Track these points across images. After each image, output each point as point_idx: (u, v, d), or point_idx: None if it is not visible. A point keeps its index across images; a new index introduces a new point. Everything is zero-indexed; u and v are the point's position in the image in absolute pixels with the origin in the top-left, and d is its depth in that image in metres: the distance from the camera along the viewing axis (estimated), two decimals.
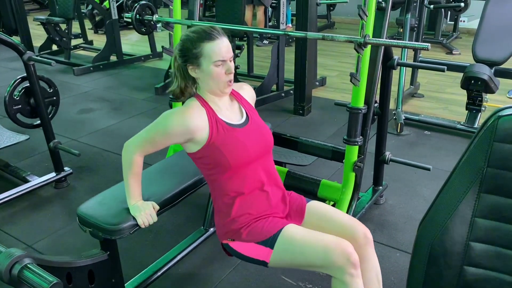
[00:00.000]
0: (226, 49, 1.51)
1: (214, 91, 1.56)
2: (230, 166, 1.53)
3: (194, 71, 1.54)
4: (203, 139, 1.52)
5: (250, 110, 1.67)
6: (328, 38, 1.98)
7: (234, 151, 1.53)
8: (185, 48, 1.53)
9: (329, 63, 5.73)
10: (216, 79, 1.52)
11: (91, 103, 4.53)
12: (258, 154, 1.59)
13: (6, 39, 2.54)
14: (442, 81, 4.90)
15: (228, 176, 1.56)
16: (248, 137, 1.57)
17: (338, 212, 1.67)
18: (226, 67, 1.51)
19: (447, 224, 1.03)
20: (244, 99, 1.69)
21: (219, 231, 1.65)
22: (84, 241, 2.22)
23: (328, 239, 1.46)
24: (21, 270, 1.39)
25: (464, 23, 7.14)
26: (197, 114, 1.52)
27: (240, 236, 1.57)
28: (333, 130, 3.73)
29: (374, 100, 2.22)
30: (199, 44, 1.49)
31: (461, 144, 3.42)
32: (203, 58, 1.50)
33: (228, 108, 1.61)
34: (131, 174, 1.64)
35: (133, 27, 2.43)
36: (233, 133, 1.55)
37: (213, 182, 1.62)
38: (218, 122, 1.54)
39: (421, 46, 1.78)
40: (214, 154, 1.53)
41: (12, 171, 2.98)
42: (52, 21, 5.58)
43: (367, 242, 1.55)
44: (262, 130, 1.64)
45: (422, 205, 2.65)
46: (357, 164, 2.16)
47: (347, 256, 1.41)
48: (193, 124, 1.50)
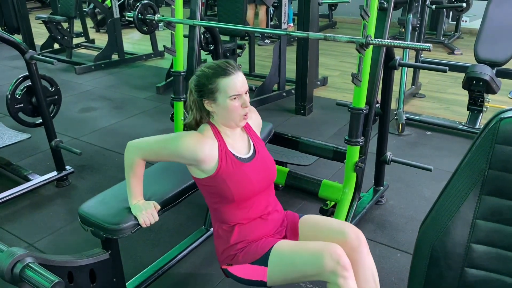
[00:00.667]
0: (241, 83, 1.53)
1: (229, 124, 1.58)
2: (234, 199, 1.56)
3: (210, 105, 1.56)
4: (211, 169, 1.54)
5: (257, 142, 1.69)
6: (330, 39, 1.98)
7: (239, 185, 1.55)
8: (201, 84, 1.55)
9: (331, 62, 5.73)
10: (232, 113, 1.54)
11: (93, 101, 4.54)
12: (262, 187, 1.62)
13: (8, 38, 2.55)
14: (444, 81, 4.90)
15: (230, 207, 1.59)
16: (254, 171, 1.60)
17: (328, 219, 1.69)
18: (242, 101, 1.53)
19: (449, 225, 1.04)
20: (252, 130, 1.72)
21: (218, 257, 1.68)
22: (85, 240, 2.23)
23: (315, 245, 1.48)
24: (23, 269, 1.40)
25: (466, 23, 7.14)
26: (210, 144, 1.54)
27: (237, 260, 1.60)
28: (334, 130, 3.73)
29: (376, 100, 2.22)
30: (215, 79, 1.52)
31: (463, 144, 3.42)
32: (219, 93, 1.52)
33: (238, 140, 1.64)
34: (132, 174, 1.65)
35: (135, 27, 2.43)
36: (241, 168, 1.57)
37: (214, 210, 1.65)
38: (227, 155, 1.56)
39: (423, 47, 1.78)
40: (220, 185, 1.55)
41: (13, 169, 2.98)
42: (54, 19, 5.58)
43: (360, 243, 1.54)
44: (267, 163, 1.67)
45: (423, 205, 2.65)
46: (358, 164, 2.16)
47: (337, 259, 1.40)
48: (204, 154, 1.52)
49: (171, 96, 2.75)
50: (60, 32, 5.71)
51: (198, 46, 2.83)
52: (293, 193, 2.72)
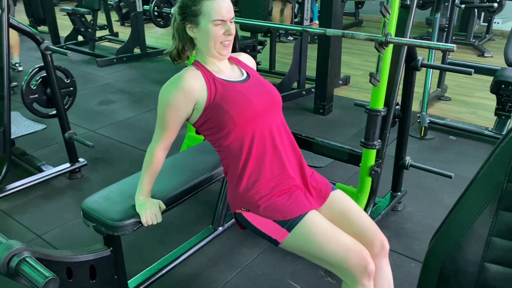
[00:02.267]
0: (227, 9, 1.45)
1: (211, 52, 1.50)
2: (235, 123, 1.45)
3: (192, 30, 1.49)
4: (203, 100, 1.46)
5: (251, 70, 1.60)
6: (348, 36, 1.89)
7: (237, 105, 1.45)
8: (184, 5, 1.48)
9: (354, 61, 5.60)
10: (213, 39, 1.46)
11: (112, 94, 4.55)
12: (264, 107, 1.50)
13: (24, 28, 2.55)
14: (471, 84, 4.71)
15: (234, 137, 1.47)
16: (250, 90, 1.50)
17: (361, 212, 1.56)
18: (226, 28, 1.46)
19: (461, 242, 0.95)
20: (243, 63, 1.63)
21: (231, 201, 1.56)
22: (92, 234, 2.16)
23: (350, 243, 1.40)
24: (19, 263, 1.37)
25: (498, 25, 6.87)
26: (192, 76, 1.47)
27: (257, 208, 1.47)
28: (354, 131, 3.62)
29: (396, 102, 2.12)
30: (199, 1, 1.44)
31: (488, 151, 3.22)
32: (202, 16, 1.45)
33: (226, 69, 1.56)
34: (149, 170, 1.59)
35: (151, 19, 2.40)
36: (233, 87, 1.49)
37: (221, 149, 1.53)
38: (215, 80, 1.48)
39: (446, 47, 1.68)
40: (217, 113, 1.46)
41: (28, 160, 2.99)
42: (78, 12, 5.63)
43: (383, 252, 1.48)
44: (266, 85, 1.57)
45: (442, 214, 2.50)
46: (373, 168, 2.06)
47: (365, 265, 1.36)
48: (191, 86, 1.44)
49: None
50: (83, 25, 5.76)
51: None
52: None
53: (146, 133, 3.61)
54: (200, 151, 2.14)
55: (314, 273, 2.08)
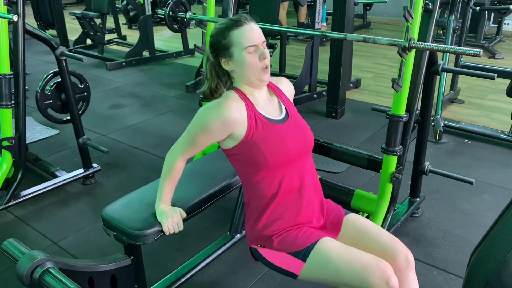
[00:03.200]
0: (257, 33, 1.42)
1: (251, 81, 1.45)
2: (268, 165, 1.43)
3: (227, 63, 1.45)
4: (241, 134, 1.42)
5: (290, 106, 1.56)
6: (369, 41, 1.86)
7: (273, 148, 1.43)
8: (214, 42, 1.45)
9: (364, 64, 5.56)
10: (251, 67, 1.42)
11: (122, 98, 4.53)
12: (298, 152, 1.48)
13: (39, 34, 2.53)
14: (484, 87, 4.67)
15: (264, 176, 1.46)
16: (288, 133, 1.47)
17: (378, 228, 1.54)
18: (260, 52, 1.41)
19: (507, 258, 0.91)
20: (283, 94, 1.58)
21: (249, 235, 1.56)
22: (109, 241, 2.16)
23: (366, 259, 1.36)
24: (42, 274, 1.36)
25: (508, 26, 6.82)
26: (236, 106, 1.42)
27: (271, 243, 1.48)
28: (367, 135, 3.58)
29: (416, 107, 2.09)
30: (228, 33, 1.42)
31: (505, 155, 3.22)
32: (234, 46, 1.41)
33: (267, 102, 1.51)
34: (169, 178, 1.57)
35: (166, 24, 2.38)
36: (273, 129, 1.45)
37: (247, 182, 1.52)
38: (257, 116, 1.44)
39: (472, 52, 1.64)
40: (252, 150, 1.43)
41: (41, 165, 2.98)
42: (87, 15, 5.62)
43: (408, 265, 1.43)
44: (303, 127, 1.54)
45: (462, 219, 2.50)
46: (395, 175, 2.03)
47: (386, 279, 1.30)
48: (232, 117, 1.40)
49: (200, 96, 2.67)
50: (92, 28, 5.75)
51: None
52: None
53: (158, 137, 3.59)
54: (218, 158, 2.12)
55: None
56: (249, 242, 1.57)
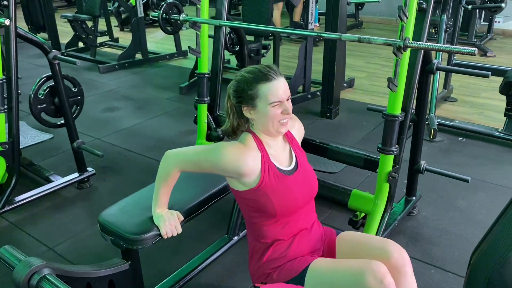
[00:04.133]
0: (283, 89, 1.44)
1: (269, 131, 1.49)
2: (276, 215, 1.48)
3: (249, 112, 1.48)
4: (253, 182, 1.46)
5: (300, 154, 1.61)
6: (364, 41, 1.86)
7: (282, 200, 1.47)
8: (240, 89, 1.46)
9: (357, 63, 5.58)
10: (271, 120, 1.45)
11: (116, 101, 4.51)
12: (304, 202, 1.54)
13: (31, 38, 2.51)
14: (476, 85, 4.70)
15: (270, 223, 1.51)
16: (296, 185, 1.51)
17: (369, 236, 1.61)
18: (283, 107, 1.44)
19: (508, 257, 0.91)
20: (295, 140, 1.63)
21: (252, 274, 1.61)
22: (105, 246, 2.15)
23: (357, 263, 1.38)
24: (40, 281, 1.34)
25: (499, 24, 6.86)
26: (253, 157, 1.45)
27: (271, 278, 1.52)
28: (362, 135, 3.59)
29: (412, 106, 2.09)
30: (255, 85, 1.43)
31: (499, 152, 3.24)
32: (259, 99, 1.43)
33: (280, 151, 1.55)
34: (164, 184, 1.58)
35: (159, 27, 2.37)
36: (284, 181, 1.48)
37: (252, 225, 1.56)
38: (270, 167, 1.47)
39: (467, 50, 1.64)
40: (261, 199, 1.46)
41: (35, 170, 2.95)
42: (79, 18, 5.59)
43: (404, 263, 1.44)
44: (309, 177, 1.59)
45: (458, 217, 2.51)
46: (391, 174, 2.03)
47: (380, 278, 1.31)
48: (247, 167, 1.43)
49: (195, 99, 2.67)
50: (84, 31, 5.72)
51: (223, 47, 2.74)
52: (319, 202, 2.58)
53: (153, 140, 3.57)
54: None
55: None
56: (253, 281, 1.61)
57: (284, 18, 7.14)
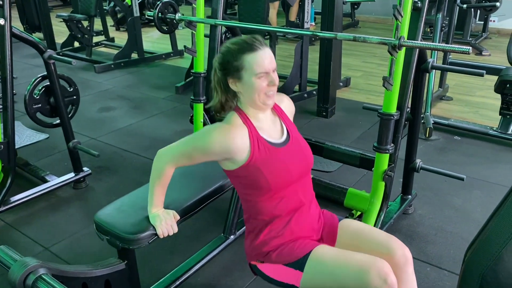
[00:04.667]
0: (269, 60, 1.42)
1: (256, 104, 1.46)
2: (270, 188, 1.44)
3: (235, 84, 1.45)
4: (244, 159, 1.43)
5: (291, 126, 1.58)
6: (360, 40, 1.86)
7: (275, 172, 1.44)
8: (225, 61, 1.44)
9: (353, 63, 5.59)
10: (257, 91, 1.42)
11: (111, 101, 4.50)
12: (299, 174, 1.50)
13: (26, 37, 2.50)
14: (472, 84, 4.72)
15: (265, 198, 1.47)
16: (289, 157, 1.48)
17: (373, 229, 1.57)
18: (269, 79, 1.41)
19: (502, 253, 0.92)
20: (284, 114, 1.60)
21: (248, 252, 1.58)
22: (101, 245, 2.14)
23: (362, 259, 1.36)
24: (35, 281, 1.34)
25: (494, 23, 6.89)
26: (240, 134, 1.42)
27: (269, 258, 1.50)
28: (358, 134, 3.60)
29: (407, 105, 2.10)
30: (241, 56, 1.40)
31: (494, 151, 3.25)
32: (245, 70, 1.40)
33: (269, 125, 1.52)
34: (158, 183, 1.56)
35: (155, 26, 2.37)
36: (275, 153, 1.46)
37: (248, 202, 1.53)
38: (259, 141, 1.44)
39: (461, 49, 1.65)
40: (254, 174, 1.44)
41: (31, 170, 2.94)
42: (74, 18, 5.57)
43: (406, 261, 1.44)
44: (303, 148, 1.55)
45: (453, 216, 2.52)
46: (387, 173, 2.04)
47: (384, 277, 1.30)
48: (235, 146, 1.41)
49: (191, 98, 2.67)
50: (80, 31, 5.70)
51: (219, 46, 2.74)
52: None
53: (149, 140, 3.57)
54: None
55: None
56: (248, 259, 1.59)
57: (280, 17, 7.14)
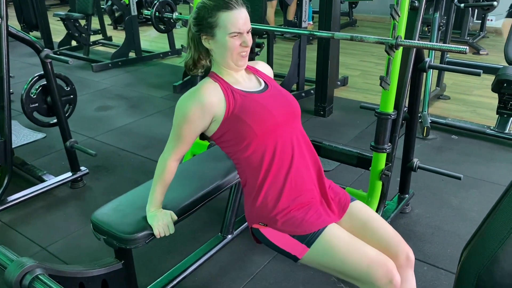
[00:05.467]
0: (244, 20, 1.41)
1: (228, 64, 1.46)
2: (255, 134, 1.41)
3: (208, 41, 1.45)
4: (222, 112, 1.42)
5: (268, 79, 1.57)
6: (357, 39, 1.86)
7: (257, 117, 1.42)
8: (200, 17, 1.43)
9: (351, 62, 5.59)
10: (229, 51, 1.42)
11: (109, 100, 4.49)
12: (284, 118, 1.46)
13: (23, 36, 2.49)
14: (469, 83, 4.72)
15: (254, 149, 1.44)
16: (269, 101, 1.47)
17: (383, 222, 1.53)
18: (242, 39, 1.42)
19: (498, 253, 0.92)
20: (260, 72, 1.60)
21: (248, 215, 1.53)
22: (99, 245, 2.13)
23: (373, 255, 1.36)
24: (32, 281, 1.33)
25: (491, 22, 6.90)
26: (210, 89, 1.43)
27: (275, 223, 1.44)
28: (356, 133, 3.60)
29: (404, 104, 2.10)
30: (215, 12, 1.40)
31: (491, 150, 3.26)
32: (218, 28, 1.40)
33: (244, 79, 1.52)
34: (161, 181, 1.56)
35: (152, 25, 2.37)
36: (252, 98, 1.45)
37: (240, 161, 1.49)
38: (234, 91, 1.45)
39: (458, 49, 1.65)
40: (236, 125, 1.42)
41: (28, 169, 2.94)
42: (72, 16, 5.55)
43: (408, 263, 1.45)
44: (284, 94, 1.54)
45: (451, 215, 2.52)
46: (384, 172, 2.05)
47: (390, 277, 1.32)
48: (209, 100, 1.41)
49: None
50: (77, 30, 5.68)
51: None
52: None
53: (147, 139, 3.56)
54: (208, 159, 2.11)
55: (326, 279, 2.05)
56: (249, 223, 1.53)
57: (278, 16, 7.14)
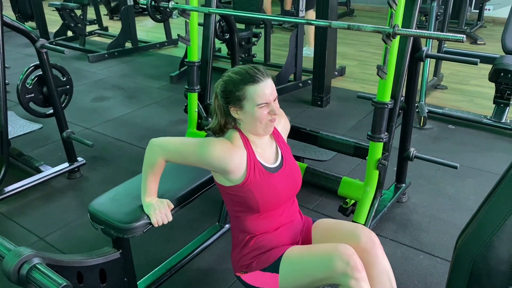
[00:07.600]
0: (270, 91, 1.45)
1: (257, 132, 1.50)
2: (259, 210, 1.50)
3: (237, 112, 1.48)
4: (238, 179, 1.47)
5: (285, 150, 1.62)
6: (354, 28, 1.85)
7: (266, 196, 1.49)
8: (227, 90, 1.46)
9: (348, 52, 5.57)
10: (259, 120, 1.46)
11: (106, 91, 4.47)
12: (287, 198, 1.57)
13: (18, 26, 2.47)
14: (466, 72, 4.72)
15: (253, 217, 1.53)
16: (281, 182, 1.53)
17: (339, 222, 1.65)
18: (270, 108, 1.45)
19: (493, 240, 0.93)
20: (280, 137, 1.64)
21: (234, 263, 1.63)
22: (96, 235, 2.14)
23: (324, 248, 1.43)
24: (30, 270, 1.34)
25: (489, 12, 6.87)
26: (239, 155, 1.46)
27: (251, 267, 1.56)
28: (353, 123, 3.60)
29: (401, 94, 2.10)
30: (243, 87, 1.43)
31: (488, 139, 3.27)
32: (246, 100, 1.43)
33: (266, 149, 1.56)
34: (151, 172, 1.57)
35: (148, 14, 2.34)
36: (269, 179, 1.50)
37: (236, 218, 1.58)
38: (256, 165, 1.49)
39: (455, 37, 1.65)
40: (246, 195, 1.48)
41: (25, 160, 2.93)
42: (67, 6, 5.51)
43: (373, 245, 1.48)
44: (294, 173, 1.60)
45: (447, 204, 2.54)
46: (381, 161, 2.05)
47: (347, 260, 1.35)
48: (233, 165, 1.45)
49: (185, 87, 2.66)
50: (73, 20, 5.64)
51: (213, 35, 2.73)
52: (310, 189, 2.62)
53: (144, 129, 3.56)
54: None
55: None
56: (234, 270, 1.63)
57: (275, 6, 7.09)
